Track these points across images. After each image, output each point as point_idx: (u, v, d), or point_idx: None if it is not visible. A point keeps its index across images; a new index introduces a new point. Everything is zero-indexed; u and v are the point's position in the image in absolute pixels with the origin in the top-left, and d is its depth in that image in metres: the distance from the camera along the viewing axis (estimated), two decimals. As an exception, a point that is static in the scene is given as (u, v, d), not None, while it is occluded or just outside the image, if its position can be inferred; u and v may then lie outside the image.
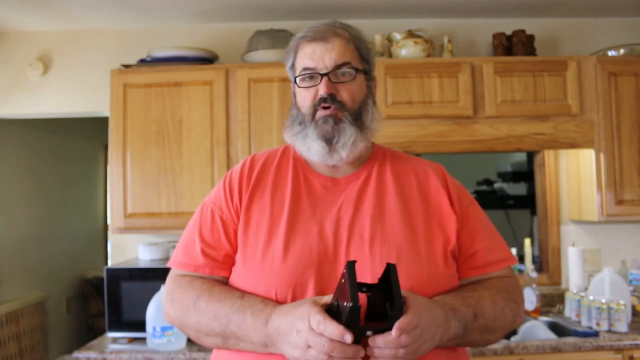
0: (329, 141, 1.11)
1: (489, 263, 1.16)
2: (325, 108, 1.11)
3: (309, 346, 0.89)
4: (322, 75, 1.11)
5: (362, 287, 0.93)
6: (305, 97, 1.14)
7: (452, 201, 1.16)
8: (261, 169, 1.19)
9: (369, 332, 0.89)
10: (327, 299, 0.94)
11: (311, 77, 1.13)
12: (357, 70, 1.13)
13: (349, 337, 0.85)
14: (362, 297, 0.93)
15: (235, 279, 1.11)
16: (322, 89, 1.11)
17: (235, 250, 1.13)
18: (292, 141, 1.17)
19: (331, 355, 0.87)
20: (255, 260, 1.08)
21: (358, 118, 1.13)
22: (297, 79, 1.15)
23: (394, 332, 0.87)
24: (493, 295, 1.10)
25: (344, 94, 1.12)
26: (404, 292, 0.93)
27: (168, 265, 1.20)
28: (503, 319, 1.09)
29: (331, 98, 1.11)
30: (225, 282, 1.13)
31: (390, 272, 0.91)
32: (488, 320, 1.06)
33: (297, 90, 1.16)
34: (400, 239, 1.08)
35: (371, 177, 1.16)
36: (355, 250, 1.06)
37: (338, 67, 1.11)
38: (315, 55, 1.12)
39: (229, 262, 1.13)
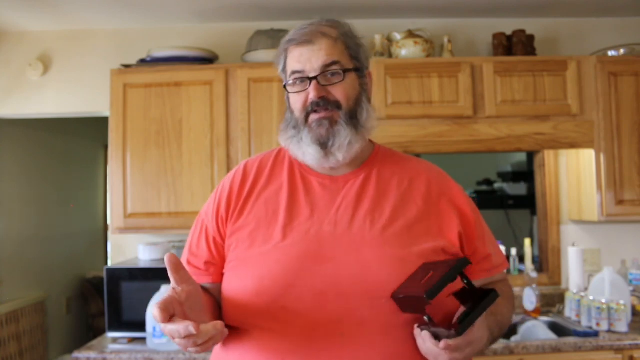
0: (323, 145, 1.10)
1: (495, 266, 1.20)
2: (317, 112, 1.11)
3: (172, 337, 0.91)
4: (311, 79, 1.10)
5: (464, 278, 0.97)
6: (297, 101, 1.13)
7: (456, 206, 1.16)
8: (255, 175, 1.19)
9: (425, 317, 0.95)
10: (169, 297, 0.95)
11: (301, 81, 1.12)
12: (346, 70, 1.12)
13: (158, 317, 0.88)
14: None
15: (230, 283, 1.11)
16: (312, 94, 1.10)
17: (214, 257, 1.15)
18: (286, 145, 1.17)
19: (184, 337, 0.88)
20: (249, 265, 1.08)
21: (353, 117, 1.12)
22: (288, 84, 1.14)
23: (441, 344, 0.92)
24: (506, 305, 1.17)
25: (337, 94, 1.11)
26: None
27: None
28: (508, 324, 1.17)
29: (323, 101, 1.10)
30: (210, 289, 1.15)
31: (486, 297, 0.94)
32: (503, 330, 1.14)
33: (289, 94, 1.16)
34: (400, 242, 1.07)
35: (371, 178, 1.15)
36: (354, 250, 1.05)
37: (326, 66, 1.10)
38: (303, 58, 1.11)
39: (211, 269, 1.15)
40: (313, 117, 1.11)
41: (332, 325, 1.00)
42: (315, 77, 1.10)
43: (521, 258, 2.89)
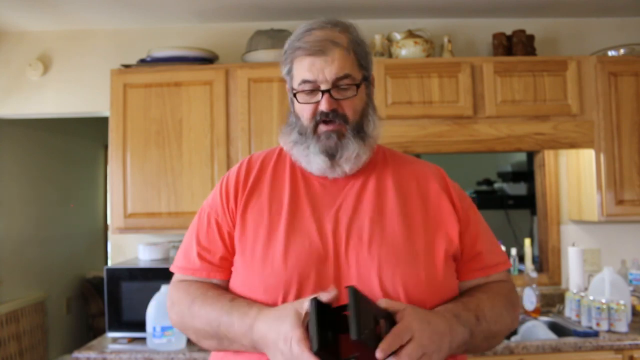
0: (331, 156, 1.10)
1: (490, 265, 1.17)
2: (326, 122, 1.09)
3: None
4: (323, 91, 1.08)
5: (343, 308, 0.89)
6: (304, 109, 1.12)
7: (453, 203, 1.16)
8: (259, 170, 1.18)
9: (352, 358, 0.88)
10: (308, 305, 0.92)
11: (311, 91, 1.10)
12: (358, 85, 1.10)
13: None
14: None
15: (236, 281, 1.11)
16: (323, 105, 1.08)
17: (230, 253, 1.13)
18: (289, 148, 1.16)
19: None
20: (254, 261, 1.08)
21: (360, 130, 1.12)
22: (297, 94, 1.11)
23: (377, 354, 0.85)
24: (491, 299, 1.11)
25: (347, 109, 1.10)
26: (400, 305, 0.94)
27: (170, 269, 1.22)
28: (503, 322, 1.11)
29: (333, 113, 1.09)
30: (221, 285, 1.13)
31: (349, 299, 0.86)
32: (490, 324, 1.07)
33: (296, 101, 1.13)
34: (399, 241, 1.08)
35: (371, 178, 1.16)
36: (354, 250, 1.06)
37: (339, 79, 1.08)
38: (315, 68, 1.08)
39: (225, 264, 1.13)
40: (322, 128, 1.10)
41: None
42: (328, 90, 1.08)
43: (521, 258, 2.89)
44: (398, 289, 1.03)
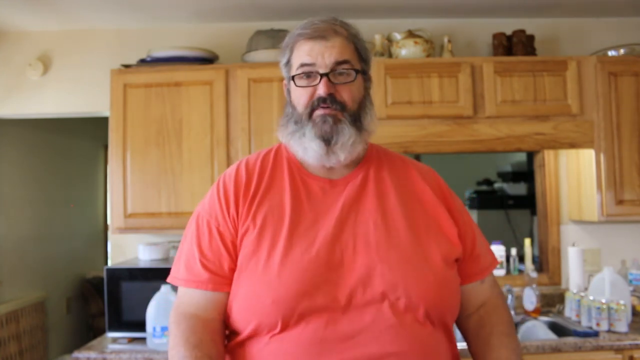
0: (327, 141, 1.08)
1: (485, 267, 1.20)
2: (323, 108, 1.08)
3: None
4: (322, 75, 1.07)
5: None
6: (301, 95, 1.10)
7: (448, 206, 1.16)
8: (258, 175, 1.15)
9: None
10: None
11: (308, 76, 1.09)
12: (357, 71, 1.10)
13: None
14: None
15: (240, 292, 1.07)
16: (321, 89, 1.07)
17: (235, 263, 1.09)
18: (286, 141, 1.14)
19: None
20: (258, 271, 1.05)
21: (357, 119, 1.10)
22: (294, 77, 1.11)
23: None
24: (517, 347, 1.14)
25: (344, 95, 1.09)
26: None
27: (169, 281, 1.15)
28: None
29: (331, 99, 1.08)
30: (223, 299, 1.10)
31: None
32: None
33: (293, 88, 1.13)
34: (405, 243, 1.07)
35: (369, 178, 1.14)
36: (362, 255, 1.05)
37: (338, 64, 1.08)
38: (314, 52, 1.08)
39: (232, 276, 1.09)
40: (317, 112, 1.09)
41: (344, 327, 1.00)
42: (326, 74, 1.08)
43: (521, 258, 2.89)
44: (409, 293, 1.02)
